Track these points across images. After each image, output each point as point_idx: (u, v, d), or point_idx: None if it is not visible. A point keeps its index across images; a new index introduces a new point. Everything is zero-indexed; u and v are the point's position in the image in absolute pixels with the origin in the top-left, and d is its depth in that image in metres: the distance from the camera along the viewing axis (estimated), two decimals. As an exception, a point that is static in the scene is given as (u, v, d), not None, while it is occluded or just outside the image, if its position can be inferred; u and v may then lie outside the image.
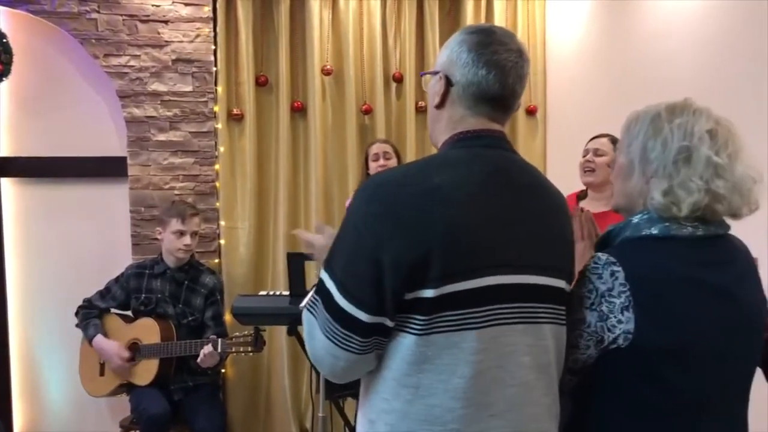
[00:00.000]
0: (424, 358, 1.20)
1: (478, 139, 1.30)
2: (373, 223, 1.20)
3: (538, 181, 1.35)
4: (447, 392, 1.20)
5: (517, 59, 1.30)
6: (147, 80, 3.72)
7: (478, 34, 1.31)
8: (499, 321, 1.22)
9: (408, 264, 1.17)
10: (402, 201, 1.20)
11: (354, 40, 3.97)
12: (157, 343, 3.18)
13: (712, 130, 1.30)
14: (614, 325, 1.28)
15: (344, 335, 1.22)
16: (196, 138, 3.80)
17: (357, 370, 1.28)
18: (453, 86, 1.31)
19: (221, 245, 3.90)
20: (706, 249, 1.32)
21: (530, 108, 4.23)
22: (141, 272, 3.34)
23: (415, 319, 1.20)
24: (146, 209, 3.72)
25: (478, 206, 1.22)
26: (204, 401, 3.24)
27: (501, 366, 1.22)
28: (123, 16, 3.66)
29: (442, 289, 1.18)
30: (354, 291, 1.20)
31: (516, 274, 1.24)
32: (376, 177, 1.28)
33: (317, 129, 3.94)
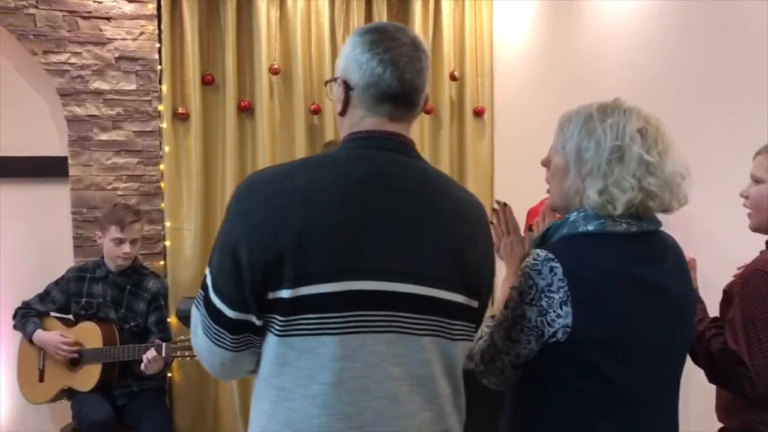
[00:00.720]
0: (285, 360, 1.18)
1: (367, 140, 1.27)
2: (237, 221, 1.20)
3: (435, 188, 1.29)
4: (306, 398, 1.17)
5: (412, 53, 1.27)
6: (89, 78, 3.62)
7: (370, 34, 1.28)
8: (362, 329, 1.17)
9: (262, 263, 1.15)
10: (263, 200, 1.19)
11: (302, 40, 3.95)
12: (99, 347, 3.10)
13: (642, 129, 1.34)
14: (553, 319, 1.31)
15: (216, 331, 1.22)
16: (140, 137, 3.72)
17: (234, 368, 1.28)
18: (352, 90, 1.28)
19: (166, 247, 3.83)
20: (640, 245, 1.37)
21: (478, 109, 4.27)
22: (82, 276, 3.25)
23: (276, 320, 1.18)
24: (88, 210, 3.63)
25: (345, 208, 1.18)
26: (149, 406, 3.18)
27: (367, 376, 1.18)
28: (63, 12, 3.57)
29: (297, 291, 1.15)
30: (221, 287, 1.20)
31: (383, 281, 1.18)
32: (253, 174, 1.27)
33: (265, 128, 3.91)
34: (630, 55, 2.99)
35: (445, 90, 4.23)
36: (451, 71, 4.21)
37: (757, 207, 1.74)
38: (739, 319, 1.60)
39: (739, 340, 1.58)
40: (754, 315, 1.58)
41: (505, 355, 1.39)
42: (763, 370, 1.55)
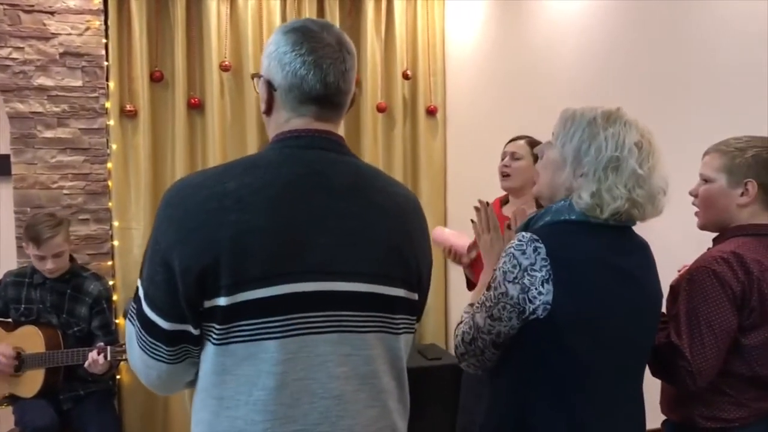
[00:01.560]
0: (224, 368, 1.16)
1: (295, 139, 1.25)
2: (166, 229, 1.16)
3: (369, 185, 1.28)
4: (248, 404, 1.15)
5: (335, 54, 1.24)
6: (32, 74, 3.52)
7: (293, 33, 1.24)
8: (304, 330, 1.16)
9: (196, 271, 1.12)
10: (193, 205, 1.16)
11: (253, 37, 3.91)
12: (42, 352, 3.01)
13: (638, 142, 1.44)
14: (535, 296, 1.39)
15: (151, 343, 1.19)
16: (87, 135, 3.63)
17: (172, 380, 1.25)
18: (276, 90, 1.26)
19: (114, 247, 3.75)
20: (617, 236, 1.47)
21: (430, 108, 4.29)
22: (20, 281, 3.12)
23: (213, 328, 1.16)
24: (32, 210, 3.52)
25: (278, 210, 1.16)
26: (97, 410, 3.10)
27: (310, 377, 1.17)
28: (3, 5, 3.46)
29: (234, 297, 1.13)
30: (153, 298, 1.17)
31: (324, 281, 1.18)
32: (180, 180, 1.24)
33: (215, 126, 3.86)
34: (578, 56, 3.04)
35: (398, 89, 4.24)
36: (404, 70, 4.22)
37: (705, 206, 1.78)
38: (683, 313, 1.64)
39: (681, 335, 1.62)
40: (697, 310, 1.63)
41: (486, 334, 1.46)
42: (703, 365, 1.60)
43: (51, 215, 3.08)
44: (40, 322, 3.07)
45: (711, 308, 1.62)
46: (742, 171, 1.71)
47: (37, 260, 3.00)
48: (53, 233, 2.96)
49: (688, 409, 1.72)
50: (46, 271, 3.02)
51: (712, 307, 1.62)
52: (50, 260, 2.99)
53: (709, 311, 1.62)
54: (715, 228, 1.80)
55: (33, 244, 2.96)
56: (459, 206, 3.14)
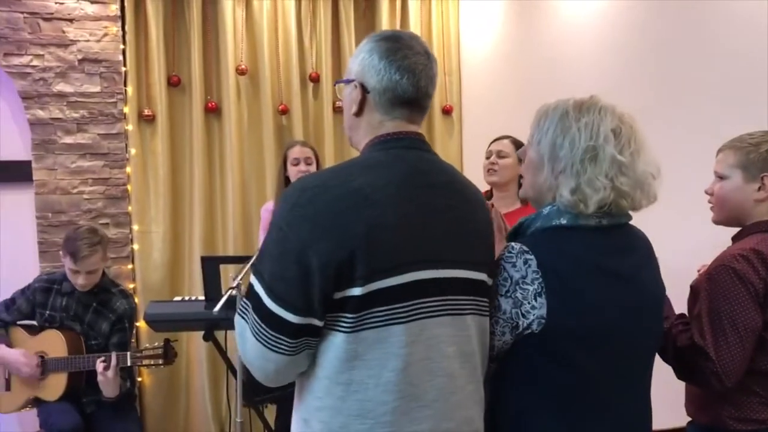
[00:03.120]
0: (355, 354, 1.25)
1: (397, 141, 1.35)
2: (298, 227, 1.24)
3: (455, 179, 1.41)
4: (378, 386, 1.25)
5: (426, 62, 1.36)
6: (52, 81, 3.57)
7: (386, 41, 1.37)
8: (423, 314, 1.28)
9: (335, 265, 1.21)
10: (325, 204, 1.24)
11: (269, 40, 3.93)
12: (64, 356, 3.04)
13: (615, 128, 1.37)
14: (528, 311, 1.34)
15: (274, 337, 1.26)
16: (106, 140, 3.67)
17: (288, 371, 1.32)
18: (369, 93, 1.36)
19: (134, 250, 3.79)
20: (611, 238, 1.40)
21: (446, 108, 4.29)
22: (49, 287, 3.16)
23: (344, 317, 1.24)
24: (54, 215, 3.57)
25: (398, 206, 1.27)
26: (119, 413, 3.12)
27: (429, 357, 1.28)
28: (24, 13, 3.51)
29: (369, 287, 1.22)
30: (281, 293, 1.24)
31: (436, 269, 1.29)
32: (300, 181, 1.32)
33: (232, 129, 3.89)
34: (594, 56, 3.03)
35: (414, 89, 4.23)
36: (419, 70, 4.22)
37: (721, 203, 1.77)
38: (705, 313, 1.63)
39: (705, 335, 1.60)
40: (719, 309, 1.61)
41: None
42: (730, 365, 1.58)
43: (92, 231, 3.07)
44: (63, 327, 3.10)
45: (733, 306, 1.60)
46: (758, 166, 1.69)
47: (71, 273, 3.04)
48: (91, 252, 2.98)
49: (716, 410, 1.69)
50: (78, 285, 3.05)
51: (735, 305, 1.60)
52: (83, 276, 3.02)
53: (732, 309, 1.60)
54: (731, 223, 1.78)
55: (70, 258, 2.98)
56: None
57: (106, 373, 2.89)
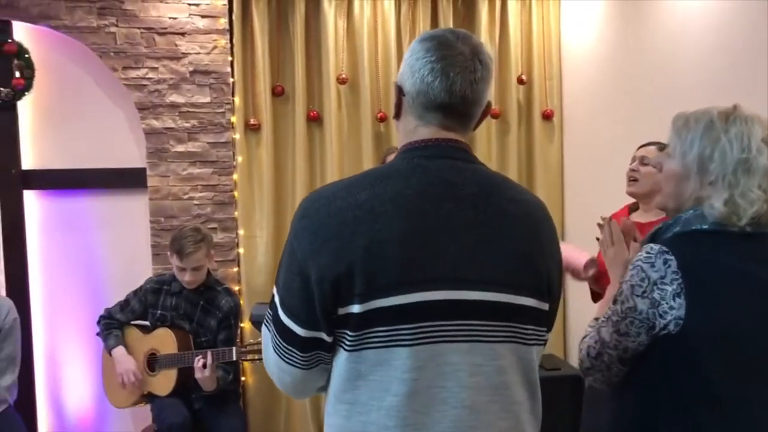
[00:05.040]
0: (357, 374, 1.19)
1: (423, 149, 1.26)
2: (301, 239, 1.20)
3: (498, 192, 1.27)
4: (381, 410, 1.17)
5: (466, 63, 1.23)
6: (165, 92, 3.77)
7: (428, 41, 1.26)
8: (436, 339, 1.18)
9: (331, 279, 1.16)
10: (327, 216, 1.19)
11: (369, 49, 4.00)
12: (174, 353, 3.20)
13: (765, 138, 1.36)
14: (666, 311, 1.33)
15: (287, 349, 1.23)
16: (215, 148, 3.84)
17: (305, 385, 1.29)
18: (405, 96, 1.28)
19: (240, 254, 3.93)
20: (754, 245, 1.38)
21: (546, 112, 4.22)
22: (159, 288, 3.35)
23: (346, 335, 1.19)
24: (166, 219, 3.76)
25: (408, 220, 1.18)
26: (224, 410, 3.26)
27: (441, 386, 1.18)
28: (141, 29, 3.72)
29: (368, 305, 1.15)
30: (289, 305, 1.21)
31: (456, 290, 1.18)
32: (314, 192, 1.27)
33: (333, 137, 3.97)
34: (703, 56, 2.89)
35: (512, 93, 4.19)
36: (519, 75, 4.17)
37: None
38: None
39: None
40: None
41: (613, 349, 1.41)
42: None
43: (196, 230, 3.25)
44: (174, 326, 3.27)
45: None
46: None
47: (178, 271, 3.21)
48: (195, 248, 3.15)
49: None
50: (185, 282, 3.22)
51: None
52: (189, 272, 3.18)
53: None
54: None
55: (177, 256, 3.16)
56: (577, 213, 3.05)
57: (204, 370, 3.01)
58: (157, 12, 3.72)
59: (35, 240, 3.81)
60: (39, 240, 3.82)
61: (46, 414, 3.84)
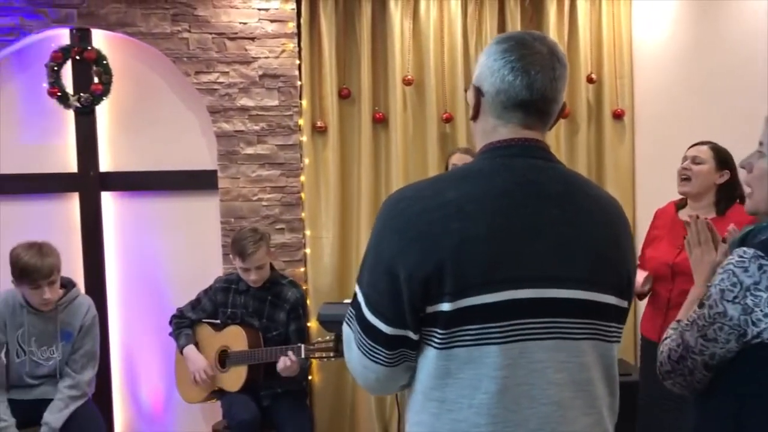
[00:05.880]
0: (447, 372, 1.20)
1: (506, 149, 1.28)
2: (389, 238, 1.22)
3: (578, 190, 1.29)
4: (471, 407, 1.19)
5: (545, 61, 1.27)
6: (235, 96, 3.85)
7: (505, 42, 1.29)
8: (525, 336, 1.19)
9: (421, 278, 1.17)
10: (416, 215, 1.20)
11: (435, 49, 3.99)
12: (244, 350, 3.27)
13: None
14: (759, 318, 1.28)
15: (372, 347, 1.25)
16: (282, 151, 3.90)
17: (389, 383, 1.31)
18: (483, 96, 1.30)
19: (306, 254, 3.98)
20: None
21: (617, 111, 4.12)
22: (227, 287, 3.44)
23: (435, 333, 1.20)
24: (236, 220, 3.84)
25: (496, 219, 1.20)
26: (292, 408, 3.31)
27: (530, 383, 1.20)
28: (212, 34, 3.82)
29: (457, 303, 1.17)
30: (375, 304, 1.23)
31: (541, 288, 1.20)
32: (398, 191, 1.29)
33: (398, 139, 3.98)
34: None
35: (582, 93, 4.12)
36: (588, 74, 4.09)
37: None
38: None
39: None
40: None
41: (698, 354, 1.37)
42: None
43: (254, 230, 3.36)
44: (244, 323, 3.34)
45: None
46: None
47: (243, 272, 3.29)
48: (256, 248, 3.23)
49: None
50: (251, 282, 3.29)
51: None
52: (253, 272, 3.25)
53: None
54: None
55: (239, 258, 3.24)
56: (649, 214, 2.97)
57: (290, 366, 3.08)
58: (227, 17, 3.81)
59: (112, 240, 3.95)
60: (115, 240, 3.96)
61: (121, 407, 3.98)
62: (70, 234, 3.81)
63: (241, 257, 3.23)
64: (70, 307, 3.14)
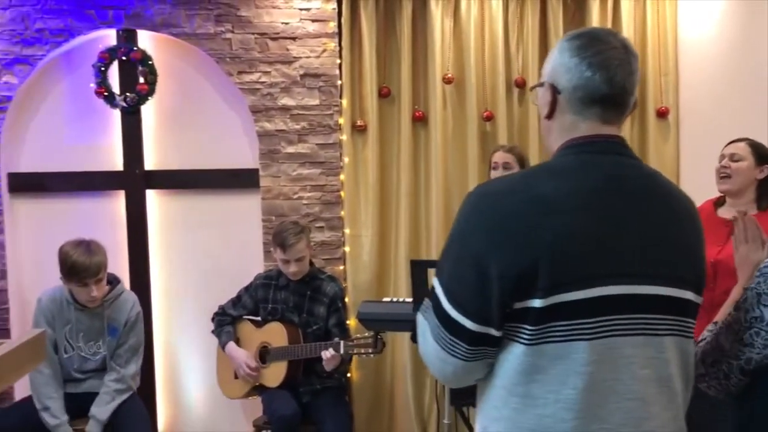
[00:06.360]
0: (534, 368, 1.20)
1: (589, 145, 1.28)
2: (478, 233, 1.22)
3: (658, 186, 1.31)
4: (558, 403, 1.19)
5: (622, 56, 1.27)
6: (277, 95, 3.89)
7: (578, 39, 1.30)
8: (613, 332, 1.20)
9: (515, 274, 1.18)
10: (508, 210, 1.21)
11: (475, 47, 3.97)
12: (284, 346, 3.31)
13: None
14: None
15: (451, 341, 1.25)
16: (323, 149, 3.93)
17: (466, 376, 1.30)
18: (560, 93, 1.30)
19: (346, 252, 4.01)
20: None
21: (661, 110, 4.06)
22: (268, 283, 3.48)
23: (523, 329, 1.20)
24: (277, 218, 3.88)
25: (588, 215, 1.20)
26: (332, 404, 3.33)
27: (617, 378, 1.20)
28: (255, 34, 3.86)
29: (550, 299, 1.17)
30: (460, 299, 1.23)
31: (630, 284, 1.21)
32: (482, 186, 1.30)
33: (438, 138, 3.97)
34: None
35: (625, 91, 4.05)
36: (631, 72, 4.03)
37: None
38: None
39: None
40: None
41: (734, 359, 1.35)
42: None
43: (295, 223, 3.42)
44: (284, 320, 3.38)
45: None
46: None
47: (283, 263, 3.33)
48: (297, 239, 3.27)
49: None
50: (290, 274, 3.33)
51: None
52: (293, 264, 3.29)
53: None
54: None
55: (280, 249, 3.29)
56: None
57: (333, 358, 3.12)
58: (270, 18, 3.85)
59: (156, 237, 4.02)
60: (159, 237, 4.03)
61: (164, 402, 4.05)
62: (115, 231, 3.90)
63: (282, 248, 3.28)
64: (116, 303, 3.22)
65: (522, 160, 3.28)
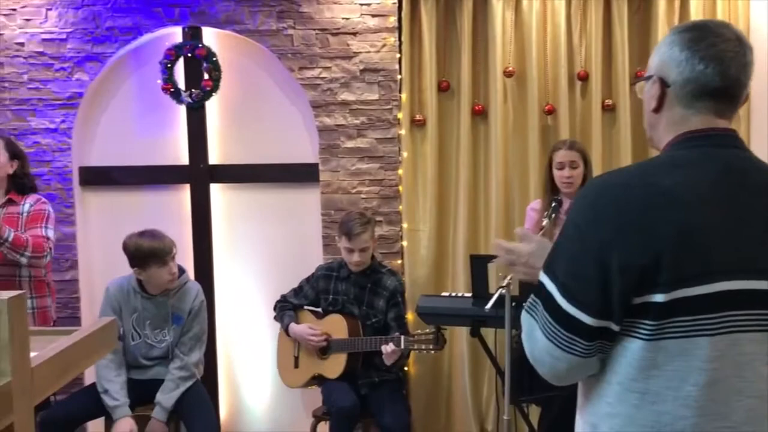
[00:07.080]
0: (653, 364, 1.20)
1: (706, 138, 1.27)
2: (599, 227, 1.21)
3: None
4: (677, 399, 1.19)
5: (737, 48, 1.25)
6: (337, 90, 3.92)
7: (689, 32, 1.28)
8: (734, 328, 1.18)
9: (637, 268, 1.17)
10: (629, 203, 1.20)
11: (537, 40, 3.92)
12: (345, 338, 3.35)
13: None
14: None
15: (567, 338, 1.23)
16: (381, 144, 3.95)
17: (578, 372, 1.29)
18: (669, 87, 1.29)
19: (403, 247, 4.02)
20: None
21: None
22: (329, 274, 3.53)
23: (643, 324, 1.19)
24: (336, 212, 3.92)
25: (710, 208, 1.19)
26: (390, 397, 3.36)
27: (739, 375, 1.19)
28: (316, 30, 3.90)
29: (672, 294, 1.16)
30: (578, 294, 1.22)
31: (753, 279, 1.19)
32: (598, 179, 1.31)
33: (498, 132, 3.94)
34: None
35: (692, 85, 3.94)
36: (700, 65, 3.91)
37: None
38: None
39: None
40: None
41: None
42: None
43: (362, 213, 3.48)
44: (344, 312, 3.42)
45: None
46: None
47: (347, 252, 3.38)
48: (363, 229, 3.33)
49: None
50: (353, 264, 3.37)
51: None
52: (357, 253, 3.34)
53: None
54: None
55: (345, 237, 3.34)
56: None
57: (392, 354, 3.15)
58: (331, 13, 3.88)
59: (219, 229, 4.12)
60: (222, 229, 4.12)
61: (226, 391, 4.15)
62: (181, 223, 4.00)
63: (347, 236, 3.33)
64: (181, 292, 3.32)
65: (585, 155, 3.21)
